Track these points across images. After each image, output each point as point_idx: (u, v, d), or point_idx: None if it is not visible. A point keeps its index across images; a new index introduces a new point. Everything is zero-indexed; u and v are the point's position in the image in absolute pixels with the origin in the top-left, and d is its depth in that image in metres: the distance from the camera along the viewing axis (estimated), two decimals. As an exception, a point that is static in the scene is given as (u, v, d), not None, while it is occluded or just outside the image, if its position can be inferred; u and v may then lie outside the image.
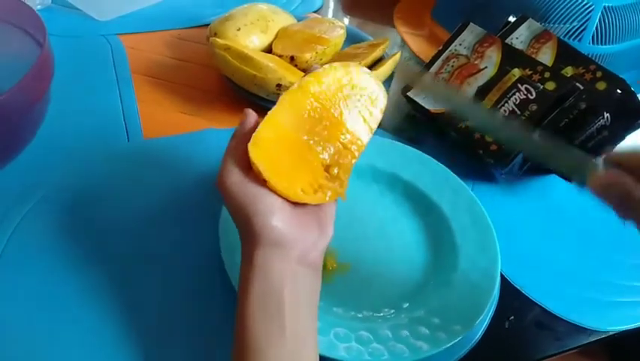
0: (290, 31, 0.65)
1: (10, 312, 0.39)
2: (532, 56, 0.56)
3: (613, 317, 0.45)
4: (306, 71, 0.37)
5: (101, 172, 0.50)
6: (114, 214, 0.47)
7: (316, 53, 0.61)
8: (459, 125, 0.55)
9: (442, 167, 0.52)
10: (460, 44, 0.59)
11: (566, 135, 0.51)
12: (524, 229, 0.51)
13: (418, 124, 0.64)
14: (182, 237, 0.46)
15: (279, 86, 0.55)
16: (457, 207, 0.49)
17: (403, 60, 0.68)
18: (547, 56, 0.56)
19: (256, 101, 0.59)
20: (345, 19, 0.87)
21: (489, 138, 0.53)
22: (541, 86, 0.51)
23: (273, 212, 0.31)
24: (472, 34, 0.59)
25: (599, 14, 0.62)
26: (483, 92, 0.55)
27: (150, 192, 0.49)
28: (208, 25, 0.64)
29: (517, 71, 0.53)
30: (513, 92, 0.52)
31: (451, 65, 0.59)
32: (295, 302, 0.31)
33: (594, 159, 0.29)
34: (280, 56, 0.61)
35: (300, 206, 0.33)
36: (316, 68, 0.36)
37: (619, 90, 0.51)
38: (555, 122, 0.51)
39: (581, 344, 0.44)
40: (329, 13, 0.87)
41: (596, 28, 0.63)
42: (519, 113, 0.51)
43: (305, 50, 0.61)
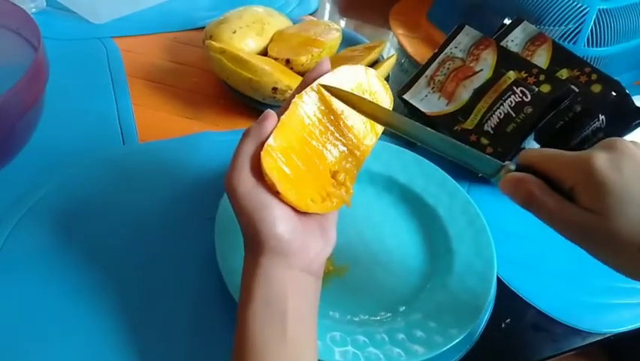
0: (285, 34, 0.65)
1: (6, 314, 0.39)
2: (528, 58, 0.56)
3: (609, 319, 0.46)
4: (313, 68, 0.36)
5: (97, 175, 0.50)
6: (109, 218, 0.47)
7: (312, 55, 0.61)
8: (455, 128, 0.55)
9: (437, 170, 0.52)
10: (456, 47, 0.59)
11: (562, 138, 0.52)
12: (520, 232, 0.51)
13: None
14: (178, 240, 0.46)
15: (274, 89, 0.55)
16: (453, 209, 0.49)
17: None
18: (542, 58, 0.56)
19: (252, 104, 0.59)
20: (341, 21, 0.87)
21: (485, 141, 0.53)
22: (537, 89, 0.52)
23: (281, 222, 0.31)
24: (467, 36, 0.59)
25: (593, 17, 0.63)
26: (479, 94, 0.55)
27: (146, 195, 0.49)
28: (204, 28, 0.64)
29: (512, 74, 0.54)
30: (508, 94, 0.53)
31: (447, 68, 0.59)
32: (298, 309, 0.31)
33: (505, 163, 0.32)
34: (276, 59, 0.61)
35: (306, 214, 0.33)
36: (325, 64, 0.36)
37: (614, 93, 0.51)
38: (550, 124, 0.51)
39: (578, 346, 0.44)
40: (325, 15, 0.87)
41: (591, 30, 0.63)
42: (514, 115, 0.52)
43: (301, 53, 0.61)
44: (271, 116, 0.33)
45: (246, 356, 0.30)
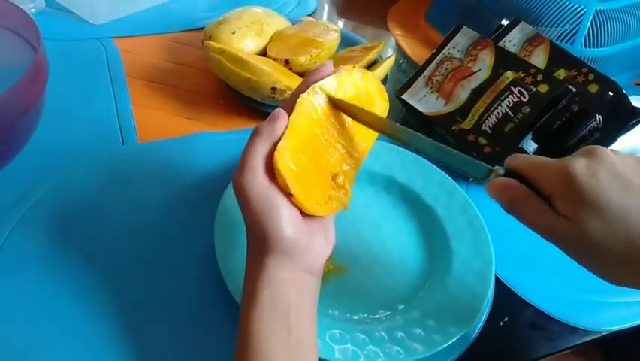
0: (284, 35, 0.65)
1: (4, 315, 0.39)
2: (525, 58, 0.57)
3: (606, 317, 0.46)
4: (317, 69, 0.36)
5: (96, 176, 0.50)
6: (109, 218, 0.47)
7: (311, 56, 0.61)
8: (453, 128, 0.55)
9: (436, 169, 0.52)
10: (454, 47, 0.60)
11: (559, 137, 0.52)
12: (518, 231, 0.51)
13: (412, 127, 0.64)
14: (178, 240, 0.46)
15: (273, 89, 0.55)
16: (452, 209, 0.49)
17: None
18: (539, 58, 0.57)
19: (251, 104, 0.59)
20: (340, 22, 0.87)
21: (483, 141, 0.53)
22: (534, 89, 0.52)
23: (290, 224, 0.31)
24: (465, 37, 0.59)
25: (590, 17, 0.63)
26: (476, 94, 0.55)
27: (145, 195, 0.49)
28: (203, 29, 0.64)
29: (510, 74, 0.54)
30: (506, 94, 0.53)
31: (445, 68, 0.59)
32: (301, 310, 0.31)
33: (495, 167, 0.33)
34: (275, 60, 0.61)
35: (310, 215, 0.33)
36: (328, 66, 0.36)
37: (611, 93, 0.52)
38: (548, 124, 0.51)
39: (575, 344, 0.44)
40: (323, 16, 0.87)
41: (588, 31, 0.64)
42: (512, 115, 0.52)
43: (299, 54, 0.61)
44: (282, 116, 0.32)
45: (249, 355, 0.30)
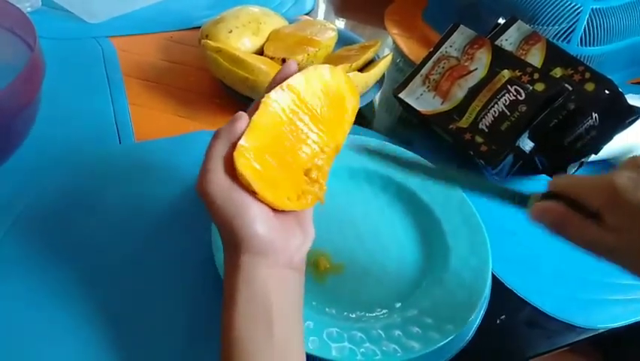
0: (281, 34, 0.65)
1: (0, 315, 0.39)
2: (522, 57, 0.57)
3: (602, 315, 0.46)
4: (280, 70, 0.36)
5: (93, 174, 0.50)
6: (105, 216, 0.47)
7: (308, 55, 0.61)
8: (450, 127, 0.55)
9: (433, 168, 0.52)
10: (451, 46, 0.60)
11: (556, 136, 0.52)
12: (515, 229, 0.52)
13: (409, 126, 0.65)
14: (175, 238, 0.46)
15: (270, 88, 0.55)
16: (449, 207, 0.49)
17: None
18: (536, 57, 0.57)
19: (248, 103, 0.58)
20: (337, 21, 0.87)
21: (479, 139, 0.53)
22: (531, 87, 0.52)
23: (259, 221, 0.31)
24: (462, 35, 0.60)
25: (587, 16, 0.63)
26: (473, 93, 0.55)
27: (142, 194, 0.49)
28: (200, 28, 0.64)
29: (506, 73, 0.54)
30: (503, 93, 0.53)
31: (442, 67, 0.59)
32: (282, 306, 0.31)
33: (534, 193, 0.34)
34: (272, 59, 0.61)
35: (283, 211, 0.33)
36: (292, 65, 0.36)
37: (607, 91, 0.52)
38: (544, 122, 0.51)
39: (572, 341, 0.44)
40: (320, 15, 0.87)
41: (584, 29, 0.64)
42: (509, 114, 0.52)
43: (297, 52, 0.61)
44: (241, 117, 0.33)
45: (234, 357, 0.30)
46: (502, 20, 0.61)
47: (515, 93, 0.52)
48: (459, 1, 0.75)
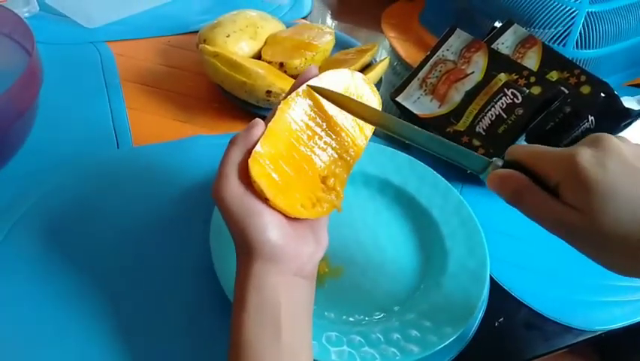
0: (279, 38, 0.65)
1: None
2: (518, 60, 0.57)
3: (599, 317, 0.46)
4: (301, 74, 0.36)
5: (91, 179, 0.50)
6: (104, 221, 0.47)
7: (305, 59, 0.61)
8: (447, 130, 0.55)
9: (430, 171, 0.52)
10: (448, 50, 0.60)
11: (552, 139, 0.52)
12: (512, 232, 0.52)
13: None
14: (173, 243, 0.46)
15: (268, 92, 0.55)
16: (446, 210, 0.49)
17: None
18: (532, 60, 0.57)
19: (246, 107, 0.59)
20: (334, 25, 0.88)
21: (476, 142, 0.53)
22: (527, 91, 0.52)
23: (271, 228, 0.31)
24: (459, 39, 0.60)
25: (582, 19, 0.64)
26: (470, 96, 0.55)
27: (140, 198, 0.49)
28: (197, 32, 0.64)
29: (503, 76, 0.54)
30: (500, 96, 0.53)
31: (439, 70, 0.59)
32: (291, 314, 0.31)
33: (493, 159, 0.32)
34: (269, 63, 0.61)
35: (297, 219, 0.33)
36: (312, 70, 0.36)
37: (603, 94, 0.52)
38: (541, 125, 0.52)
39: (570, 343, 0.45)
40: (317, 19, 0.87)
41: (580, 33, 0.64)
42: (506, 117, 0.52)
43: (294, 57, 0.61)
44: (258, 124, 0.33)
45: None
46: (498, 24, 0.61)
47: (512, 96, 0.53)
48: (455, 5, 0.75)
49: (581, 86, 0.53)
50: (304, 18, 0.83)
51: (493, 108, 0.53)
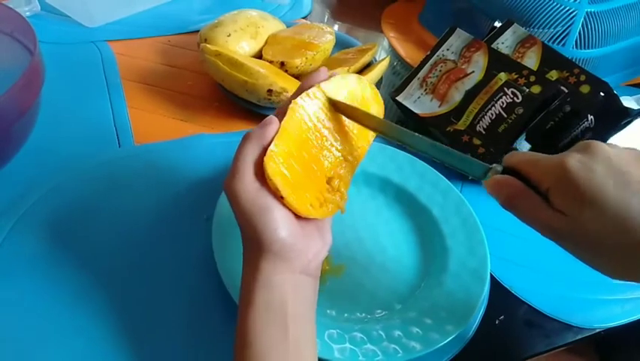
0: (279, 37, 0.66)
1: (2, 317, 0.39)
2: (518, 60, 0.57)
3: (599, 315, 0.46)
4: (310, 75, 0.36)
5: (93, 178, 0.50)
6: (106, 220, 0.47)
7: (306, 58, 0.62)
8: (447, 129, 0.56)
9: (431, 170, 0.53)
10: (448, 49, 0.60)
11: (552, 138, 0.53)
12: (513, 230, 0.52)
13: (407, 128, 0.65)
14: (175, 241, 0.46)
15: (269, 91, 0.56)
16: (447, 209, 0.50)
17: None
18: (532, 60, 0.57)
19: (247, 106, 0.59)
20: (334, 25, 0.88)
21: (477, 141, 0.54)
22: (527, 90, 0.53)
23: (282, 225, 0.31)
24: (459, 39, 0.60)
25: (581, 19, 0.64)
26: (470, 95, 0.56)
27: (142, 197, 0.49)
28: (198, 32, 0.65)
29: (503, 75, 0.55)
30: (500, 95, 0.54)
31: (439, 70, 0.60)
32: (298, 311, 0.32)
33: (493, 165, 0.33)
34: (270, 62, 0.61)
35: (305, 218, 0.33)
36: (322, 72, 0.36)
37: (602, 93, 0.52)
38: (541, 124, 0.52)
39: (569, 341, 0.45)
40: (318, 19, 0.87)
41: (579, 33, 0.64)
42: (506, 116, 0.53)
43: (295, 56, 0.61)
44: (274, 122, 0.33)
45: (248, 358, 0.30)
46: (498, 24, 0.62)
47: (512, 96, 0.53)
48: (455, 5, 0.75)
49: (581, 86, 0.53)
50: (304, 18, 0.84)
51: (493, 107, 0.53)
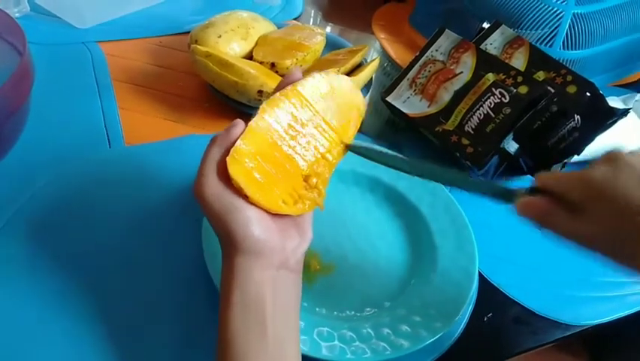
0: (270, 39, 0.66)
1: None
2: (506, 61, 0.58)
3: (587, 312, 0.47)
4: (285, 76, 0.37)
5: (83, 179, 0.50)
6: (96, 221, 0.47)
7: (296, 59, 0.62)
8: (436, 129, 0.56)
9: (420, 169, 0.53)
10: (437, 50, 0.61)
11: (539, 137, 0.53)
12: (501, 229, 0.53)
13: (397, 128, 0.66)
14: (165, 242, 0.46)
15: (260, 92, 0.56)
16: (436, 208, 0.50)
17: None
18: (519, 61, 0.58)
19: (237, 107, 0.60)
20: (325, 26, 0.88)
21: (465, 141, 0.54)
22: (515, 90, 0.53)
23: (253, 222, 0.31)
24: (448, 40, 0.61)
25: (568, 21, 0.65)
26: (459, 96, 0.56)
27: (133, 198, 0.49)
28: (189, 33, 0.65)
29: (491, 76, 0.55)
30: (488, 95, 0.54)
31: (428, 71, 0.60)
32: (276, 308, 0.32)
33: (519, 189, 0.35)
34: (261, 63, 0.62)
35: (280, 214, 0.34)
36: (296, 73, 0.36)
37: (588, 93, 0.53)
38: (528, 124, 0.53)
39: (557, 337, 0.45)
40: (309, 21, 0.88)
41: (566, 34, 0.65)
42: (493, 116, 0.53)
43: (285, 57, 0.62)
44: (238, 124, 0.33)
45: (228, 358, 0.31)
46: (486, 25, 0.62)
47: (500, 96, 0.54)
48: (445, 7, 0.76)
49: (567, 86, 0.54)
50: (295, 19, 0.84)
51: (481, 107, 0.54)
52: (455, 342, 0.42)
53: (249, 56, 0.65)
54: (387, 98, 0.62)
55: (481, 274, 0.48)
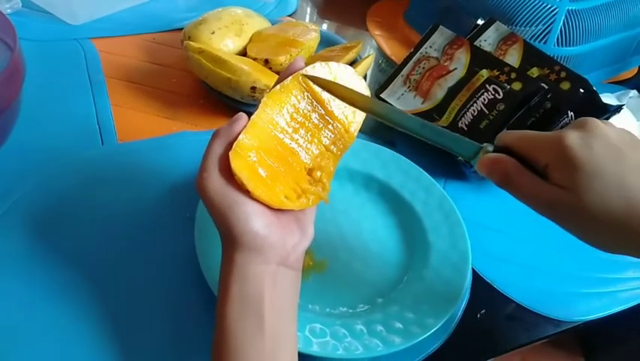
0: (264, 35, 0.66)
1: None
2: (500, 57, 0.58)
3: (579, 308, 0.47)
4: (287, 66, 0.36)
5: (76, 176, 0.50)
6: (89, 218, 0.47)
7: (290, 55, 0.62)
8: (430, 126, 0.56)
9: (414, 166, 0.53)
10: (431, 46, 0.61)
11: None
12: (494, 225, 0.53)
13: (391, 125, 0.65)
14: (158, 239, 0.46)
15: (253, 88, 0.56)
16: (429, 205, 0.50)
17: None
18: (513, 57, 0.58)
19: (231, 103, 0.59)
20: (323, 24, 0.88)
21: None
22: (508, 87, 0.53)
23: (254, 218, 0.31)
24: (442, 36, 0.61)
25: (562, 17, 0.65)
26: (453, 92, 0.56)
27: (125, 195, 0.49)
28: (182, 29, 0.64)
29: (485, 72, 0.55)
30: (481, 92, 0.54)
31: (422, 67, 0.60)
32: (274, 304, 0.32)
33: (484, 144, 0.33)
34: (254, 59, 0.61)
35: (282, 210, 0.33)
36: (299, 62, 0.36)
37: (582, 90, 0.53)
38: (522, 120, 0.53)
39: (550, 333, 0.46)
40: (303, 17, 0.87)
41: (561, 30, 0.65)
42: (487, 112, 0.53)
43: (279, 53, 0.62)
44: (241, 118, 0.33)
45: (225, 352, 0.30)
46: (480, 21, 0.62)
47: (493, 92, 0.54)
48: (439, 3, 0.76)
49: (561, 82, 0.54)
50: (290, 15, 0.84)
51: (475, 104, 0.54)
52: (448, 338, 0.42)
53: (242, 53, 0.64)
54: (381, 94, 0.61)
55: (475, 271, 0.48)
